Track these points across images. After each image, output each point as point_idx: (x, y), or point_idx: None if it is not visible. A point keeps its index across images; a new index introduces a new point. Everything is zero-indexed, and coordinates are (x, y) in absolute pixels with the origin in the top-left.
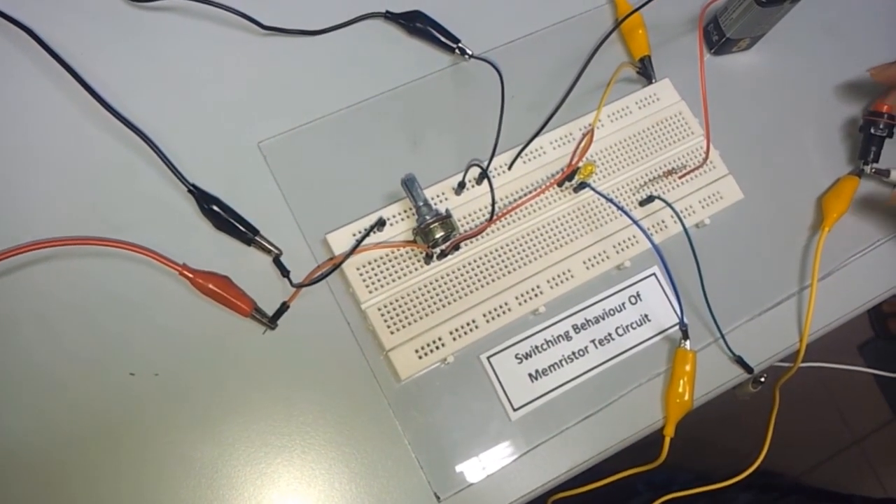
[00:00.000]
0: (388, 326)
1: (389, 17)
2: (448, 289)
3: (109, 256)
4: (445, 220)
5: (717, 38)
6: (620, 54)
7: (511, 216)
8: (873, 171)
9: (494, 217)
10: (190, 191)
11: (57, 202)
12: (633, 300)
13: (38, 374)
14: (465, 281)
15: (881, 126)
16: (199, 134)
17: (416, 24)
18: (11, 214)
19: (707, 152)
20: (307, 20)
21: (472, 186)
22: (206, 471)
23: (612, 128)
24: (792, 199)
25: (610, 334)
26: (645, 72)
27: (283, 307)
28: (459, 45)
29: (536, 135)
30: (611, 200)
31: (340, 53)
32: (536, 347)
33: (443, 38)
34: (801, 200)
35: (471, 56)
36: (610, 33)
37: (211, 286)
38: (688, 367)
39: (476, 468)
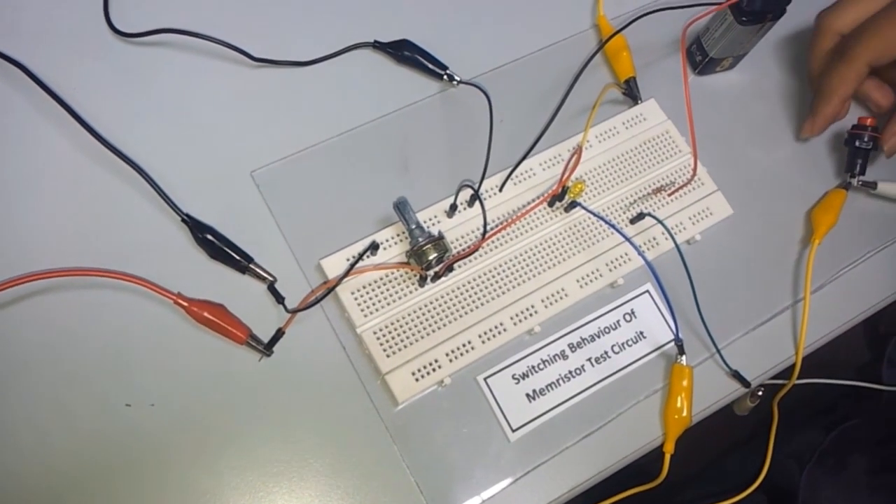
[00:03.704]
0: (384, 350)
1: (378, 46)
2: (443, 311)
3: (104, 287)
4: (438, 241)
5: (701, 58)
6: (606, 77)
7: (504, 237)
8: (860, 183)
9: (487, 235)
10: (184, 220)
11: (51, 234)
12: (627, 317)
13: (30, 405)
14: (459, 302)
15: (865, 139)
16: (192, 164)
17: (404, 53)
18: (5, 246)
19: (694, 169)
20: (297, 52)
21: (464, 209)
22: (203, 501)
23: (601, 148)
24: (781, 213)
25: (606, 352)
26: (631, 93)
27: (279, 334)
28: (447, 71)
29: (525, 156)
30: (602, 218)
31: (330, 83)
32: (533, 367)
33: (431, 66)
34: (791, 214)
35: (459, 82)
36: (594, 54)
37: (206, 314)
38: (685, 383)
39: (476, 490)
